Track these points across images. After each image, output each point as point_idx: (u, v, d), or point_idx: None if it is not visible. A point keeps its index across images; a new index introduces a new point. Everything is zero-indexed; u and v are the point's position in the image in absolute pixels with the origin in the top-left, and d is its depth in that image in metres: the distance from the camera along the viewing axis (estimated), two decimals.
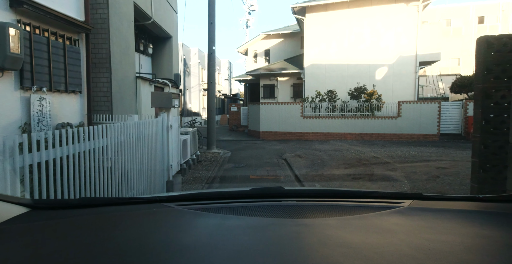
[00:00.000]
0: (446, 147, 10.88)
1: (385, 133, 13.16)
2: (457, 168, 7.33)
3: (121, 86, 5.90)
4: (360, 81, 14.68)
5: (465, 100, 12.98)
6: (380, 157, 8.93)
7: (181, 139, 6.60)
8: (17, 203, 1.08)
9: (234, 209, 1.16)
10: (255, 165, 8.07)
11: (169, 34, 8.77)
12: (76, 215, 1.10)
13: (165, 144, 4.44)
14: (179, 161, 5.76)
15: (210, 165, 7.95)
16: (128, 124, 3.35)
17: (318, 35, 15.60)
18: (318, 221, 1.01)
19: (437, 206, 1.19)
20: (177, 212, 1.13)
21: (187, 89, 26.67)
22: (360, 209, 1.15)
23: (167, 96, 4.33)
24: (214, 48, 10.35)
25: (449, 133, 13.36)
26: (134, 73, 6.45)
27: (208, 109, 10.49)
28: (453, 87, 15.10)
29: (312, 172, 7.17)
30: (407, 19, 14.56)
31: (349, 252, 0.75)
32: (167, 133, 4.46)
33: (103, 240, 0.86)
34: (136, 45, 8.24)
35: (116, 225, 1.00)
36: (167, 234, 0.90)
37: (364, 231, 0.92)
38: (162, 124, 4.30)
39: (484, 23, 26.37)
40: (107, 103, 5.64)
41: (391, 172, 7.05)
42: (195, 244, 0.81)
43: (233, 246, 0.80)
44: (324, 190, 1.68)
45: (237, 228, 0.95)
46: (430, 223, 0.99)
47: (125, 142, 3.28)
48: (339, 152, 9.89)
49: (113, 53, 5.67)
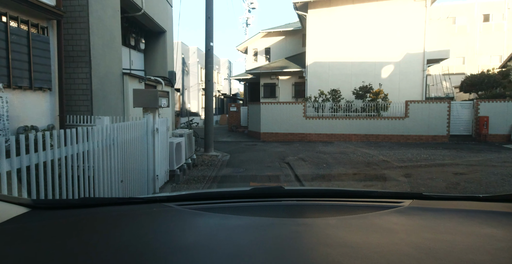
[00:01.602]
0: (458, 149, 10.26)
1: (392, 134, 12.53)
2: (476, 174, 6.72)
3: (104, 83, 5.18)
4: (365, 80, 14.05)
5: (476, 100, 12.35)
6: (390, 161, 8.31)
7: (175, 142, 5.98)
8: (17, 203, 1.07)
9: (234, 208, 1.15)
10: (255, 170, 7.46)
11: (162, 28, 8.06)
12: (76, 215, 1.09)
13: (150, 151, 3.77)
14: (168, 169, 5.06)
15: (206, 170, 7.33)
16: (91, 130, 2.64)
17: (321, 32, 14.96)
18: (318, 221, 1.01)
19: (437, 205, 1.18)
20: (177, 212, 1.13)
21: (186, 89, 26.09)
22: (360, 209, 1.14)
23: (153, 95, 3.66)
24: (212, 44, 9.72)
25: (458, 134, 12.73)
26: (120, 69, 5.73)
27: (205, 109, 9.86)
28: (462, 86, 14.44)
29: (318, 178, 6.58)
30: (414, 15, 13.92)
31: (349, 252, 0.75)
32: (152, 138, 3.80)
33: (103, 240, 0.86)
34: (126, 39, 7.56)
35: (116, 225, 1.00)
36: (167, 234, 0.90)
37: (364, 230, 0.91)
38: (146, 128, 3.62)
39: (490, 21, 25.87)
40: (86, 103, 4.90)
41: (405, 178, 6.44)
42: (195, 244, 0.81)
43: (233, 246, 0.80)
44: (324, 190, 1.64)
45: (237, 228, 0.95)
46: (431, 222, 0.99)
47: (84, 152, 2.59)
48: (345, 155, 9.27)
49: (94, 45, 4.96)
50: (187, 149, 7.25)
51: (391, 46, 14.19)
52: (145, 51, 8.41)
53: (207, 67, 9.78)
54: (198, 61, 25.42)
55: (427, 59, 13.88)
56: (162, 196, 1.32)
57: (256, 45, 21.12)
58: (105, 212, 1.12)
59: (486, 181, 5.97)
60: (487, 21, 26.64)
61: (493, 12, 26.46)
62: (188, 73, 26.58)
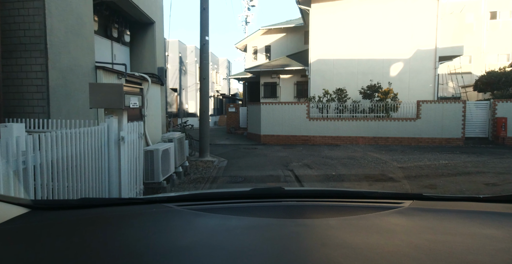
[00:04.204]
0: (478, 154, 9.36)
1: (403, 136, 11.62)
2: (510, 185, 5.84)
3: (67, 78, 4.16)
4: (372, 78, 13.14)
5: (493, 100, 11.45)
6: (406, 167, 7.41)
7: (160, 149, 5.07)
8: (17, 203, 1.06)
9: (234, 209, 1.14)
10: (256, 179, 6.56)
11: (150, 18, 7.10)
12: (76, 215, 1.08)
13: (114, 166, 2.81)
14: (140, 188, 3.96)
15: (200, 180, 6.42)
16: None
17: (325, 27, 14.04)
18: (318, 222, 0.99)
19: (437, 206, 1.17)
20: (177, 213, 1.11)
21: (183, 89, 25.21)
22: (360, 209, 1.12)
23: (116, 91, 2.67)
24: (208, 38, 8.82)
25: (474, 136, 11.82)
26: (92, 61, 4.70)
27: (200, 110, 8.96)
28: (476, 85, 13.53)
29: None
30: (425, 9, 13.02)
31: (349, 253, 0.74)
32: (117, 149, 2.86)
33: (102, 240, 0.85)
34: (107, 29, 6.61)
35: (116, 226, 0.99)
36: (167, 234, 0.88)
37: (364, 231, 0.90)
38: (105, 136, 2.68)
39: (497, 19, 25.09)
40: (41, 103, 3.84)
41: (430, 190, 5.55)
42: (195, 245, 0.80)
43: (233, 247, 0.79)
44: (325, 190, 1.57)
45: (237, 228, 0.94)
46: (431, 223, 0.97)
47: None
48: (355, 161, 8.37)
49: (53, 30, 3.96)
50: (178, 156, 6.34)
51: (400, 42, 13.27)
52: (132, 45, 7.48)
53: (202, 64, 8.88)
54: (196, 61, 24.58)
55: (439, 56, 12.97)
56: (162, 196, 1.31)
57: (256, 43, 20.19)
58: (104, 213, 1.11)
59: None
60: (494, 19, 25.89)
61: (501, 9, 25.74)
62: (185, 72, 25.66)
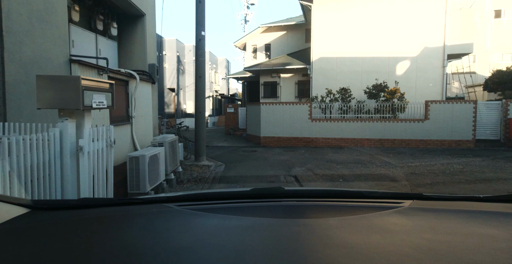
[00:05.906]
0: (492, 157, 8.77)
1: (410, 138, 11.02)
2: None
3: (31, 73, 3.45)
4: (377, 77, 12.54)
5: (505, 100, 10.86)
6: (419, 173, 6.81)
7: (147, 155, 4.47)
8: (17, 203, 1.05)
9: (234, 209, 1.13)
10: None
11: (140, 10, 6.43)
12: (76, 215, 1.08)
13: (69, 187, 2.13)
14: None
15: (194, 188, 5.81)
16: None
17: (328, 23, 13.44)
18: (319, 221, 0.99)
19: (437, 206, 1.16)
20: (177, 213, 1.11)
21: (181, 89, 24.59)
22: (360, 209, 1.12)
23: (72, 86, 1.97)
24: (204, 33, 8.22)
25: (485, 138, 11.23)
26: (66, 54, 3.97)
27: (196, 111, 8.34)
28: (487, 85, 12.93)
29: None
30: (433, 4, 12.42)
31: (349, 252, 0.74)
32: (74, 162, 2.21)
33: (102, 240, 0.85)
34: (90, 21, 5.96)
35: (115, 226, 0.99)
36: (167, 234, 0.88)
37: (364, 231, 0.90)
38: (54, 146, 2.01)
39: (501, 17, 24.51)
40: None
41: None
42: (195, 245, 0.80)
43: (233, 247, 0.79)
44: (325, 190, 1.55)
45: (237, 228, 0.94)
46: (431, 223, 0.97)
47: None
48: (362, 165, 7.77)
49: (11, 15, 3.31)
50: (170, 161, 5.73)
51: (406, 39, 12.67)
52: (120, 39, 6.84)
53: (198, 61, 8.27)
54: (194, 60, 23.83)
55: (448, 54, 12.38)
56: (161, 196, 1.30)
57: (255, 41, 19.58)
58: (104, 213, 1.10)
59: None
60: (498, 17, 25.33)
61: (505, 8, 25.17)
62: (183, 72, 25.01)
